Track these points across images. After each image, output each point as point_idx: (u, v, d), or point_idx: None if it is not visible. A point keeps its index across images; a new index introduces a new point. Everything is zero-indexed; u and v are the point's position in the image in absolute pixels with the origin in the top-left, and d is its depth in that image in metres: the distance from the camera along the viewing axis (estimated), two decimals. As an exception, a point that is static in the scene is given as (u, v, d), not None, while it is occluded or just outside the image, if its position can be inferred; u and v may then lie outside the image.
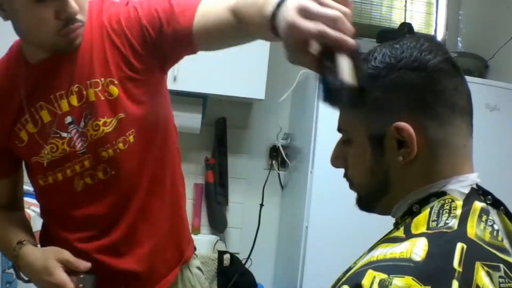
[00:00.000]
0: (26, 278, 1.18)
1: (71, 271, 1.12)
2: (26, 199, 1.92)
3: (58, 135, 1.14)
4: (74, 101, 1.12)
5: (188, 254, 1.34)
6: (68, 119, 1.13)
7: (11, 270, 1.51)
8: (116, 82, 1.12)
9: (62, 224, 1.24)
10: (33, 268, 1.13)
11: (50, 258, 1.11)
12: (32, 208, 1.79)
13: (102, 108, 1.12)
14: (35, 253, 1.14)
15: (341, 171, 0.87)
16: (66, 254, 1.13)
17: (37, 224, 1.77)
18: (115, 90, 1.12)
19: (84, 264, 1.12)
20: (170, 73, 2.45)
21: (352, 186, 0.85)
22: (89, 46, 1.12)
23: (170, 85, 2.46)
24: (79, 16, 1.05)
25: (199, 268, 1.38)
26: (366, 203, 0.85)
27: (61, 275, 1.09)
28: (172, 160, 1.31)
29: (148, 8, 1.12)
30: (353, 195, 0.87)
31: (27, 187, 2.02)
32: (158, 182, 1.23)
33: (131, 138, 1.15)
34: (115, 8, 1.15)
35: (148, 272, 1.22)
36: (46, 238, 1.26)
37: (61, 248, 1.15)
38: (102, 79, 1.12)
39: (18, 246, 1.15)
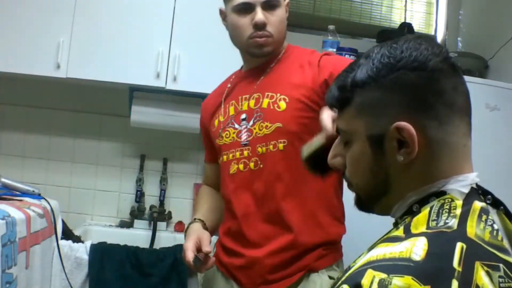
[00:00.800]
0: None
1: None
2: (26, 199, 1.92)
3: (233, 126, 1.49)
4: (252, 104, 1.47)
5: (313, 263, 1.41)
6: (243, 116, 1.48)
7: (11, 270, 1.51)
8: (287, 100, 1.42)
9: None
10: (186, 234, 1.49)
11: (196, 232, 1.45)
12: (32, 208, 1.78)
13: (269, 115, 1.43)
14: (195, 227, 1.50)
15: (341, 171, 0.87)
16: (206, 235, 1.44)
17: (37, 224, 1.77)
18: (283, 105, 1.42)
19: (205, 248, 1.39)
20: (170, 73, 2.46)
21: (350, 186, 0.85)
22: (279, 71, 1.48)
23: (170, 84, 2.48)
24: (268, 28, 1.43)
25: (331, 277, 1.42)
26: (366, 203, 0.84)
27: (190, 243, 1.41)
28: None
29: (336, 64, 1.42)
30: (352, 195, 0.87)
31: (27, 187, 2.02)
32: (295, 190, 1.41)
33: (280, 146, 1.41)
34: (323, 55, 1.49)
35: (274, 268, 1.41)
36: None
37: (206, 232, 1.48)
38: (278, 94, 1.44)
39: (193, 219, 1.55)
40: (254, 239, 1.43)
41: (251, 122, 1.46)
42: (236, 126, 1.48)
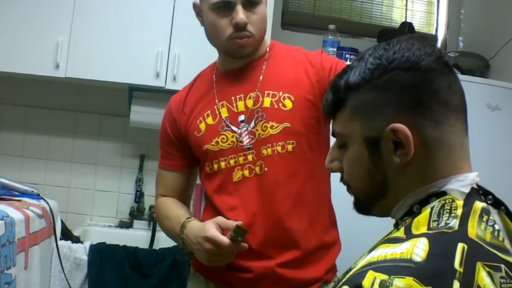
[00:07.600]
0: (188, 250, 1.37)
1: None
2: (25, 199, 1.92)
3: (230, 129, 1.38)
4: (250, 104, 1.37)
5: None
6: (241, 117, 1.37)
7: (10, 271, 1.50)
8: (293, 98, 1.35)
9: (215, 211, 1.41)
10: (193, 232, 1.32)
11: (207, 222, 1.31)
12: (31, 209, 1.78)
13: (273, 114, 1.35)
14: (197, 223, 1.35)
15: (340, 171, 0.86)
16: (220, 218, 1.31)
17: (36, 224, 1.76)
18: (289, 104, 1.35)
19: (232, 223, 1.27)
20: (170, 72, 2.45)
21: (349, 189, 0.85)
22: (274, 69, 1.40)
23: (170, 84, 2.47)
24: (249, 28, 1.33)
25: None
26: (364, 206, 0.84)
27: (214, 231, 1.26)
28: (320, 181, 1.40)
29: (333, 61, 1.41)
30: (350, 197, 0.86)
31: (26, 187, 2.02)
32: (300, 196, 1.35)
33: (289, 147, 1.34)
34: (319, 55, 1.43)
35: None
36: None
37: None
38: (281, 92, 1.36)
39: (187, 220, 1.38)
40: (261, 250, 1.33)
41: (252, 124, 1.36)
42: (234, 128, 1.37)
